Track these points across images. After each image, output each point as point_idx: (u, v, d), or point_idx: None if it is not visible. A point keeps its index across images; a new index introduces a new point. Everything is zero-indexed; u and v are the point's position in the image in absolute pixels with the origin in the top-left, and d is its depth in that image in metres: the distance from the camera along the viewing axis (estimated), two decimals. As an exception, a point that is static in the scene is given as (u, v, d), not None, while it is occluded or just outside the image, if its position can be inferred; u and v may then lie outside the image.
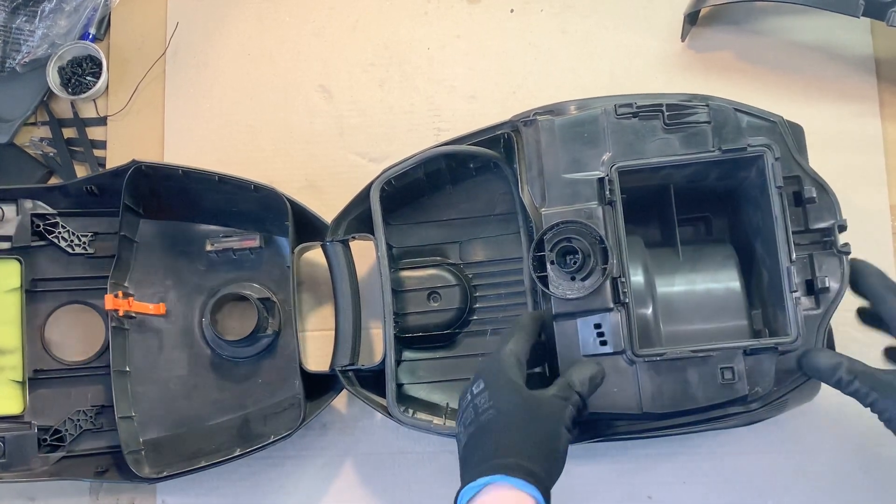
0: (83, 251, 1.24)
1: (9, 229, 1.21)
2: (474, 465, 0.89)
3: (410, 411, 1.10)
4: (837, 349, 1.05)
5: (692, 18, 1.26)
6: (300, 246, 1.18)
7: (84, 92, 1.31)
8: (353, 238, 1.16)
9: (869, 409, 0.95)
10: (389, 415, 1.09)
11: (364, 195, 1.14)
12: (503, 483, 0.85)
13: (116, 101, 1.33)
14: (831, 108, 1.25)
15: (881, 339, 1.06)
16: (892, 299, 0.99)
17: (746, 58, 1.27)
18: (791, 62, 1.27)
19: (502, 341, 0.98)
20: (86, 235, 1.24)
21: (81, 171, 1.32)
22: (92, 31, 1.33)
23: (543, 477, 0.87)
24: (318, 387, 1.18)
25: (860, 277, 1.01)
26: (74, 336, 1.25)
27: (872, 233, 1.21)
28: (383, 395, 1.10)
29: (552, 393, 0.93)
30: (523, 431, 0.89)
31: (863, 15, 1.11)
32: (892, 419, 0.93)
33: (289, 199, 1.17)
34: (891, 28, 1.11)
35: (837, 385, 0.96)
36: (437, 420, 1.10)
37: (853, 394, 0.95)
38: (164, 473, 1.14)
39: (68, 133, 1.34)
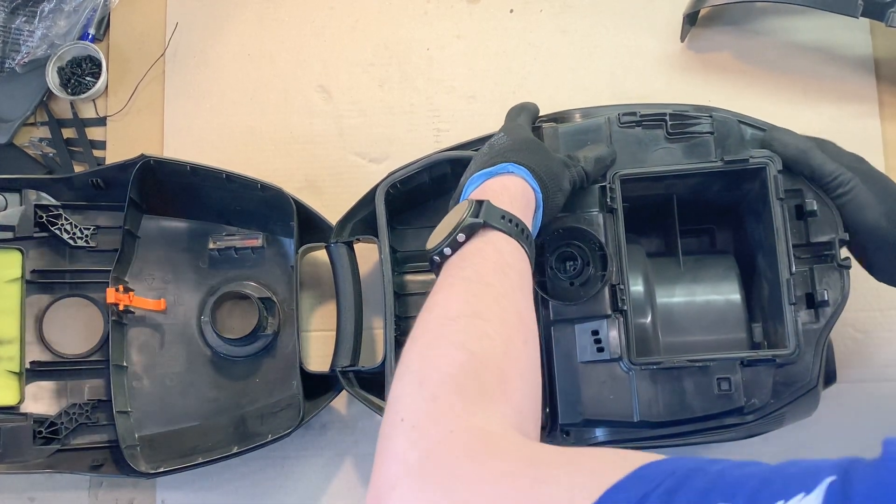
0: (85, 244, 1.24)
1: (12, 219, 1.21)
2: (485, 161, 0.92)
3: (410, 413, 1.10)
4: (836, 350, 1.06)
5: (691, 19, 1.26)
6: (304, 247, 1.18)
7: (83, 92, 1.31)
8: (358, 240, 1.17)
9: (830, 184, 0.99)
10: (389, 417, 1.09)
11: (369, 198, 1.14)
12: (514, 171, 0.89)
13: (116, 102, 1.33)
14: (830, 108, 1.25)
15: (884, 340, 1.06)
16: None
17: (745, 58, 1.28)
18: (790, 63, 1.27)
19: (512, 118, 1.04)
20: (88, 229, 1.24)
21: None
22: (91, 31, 1.33)
23: (549, 192, 0.91)
24: (317, 387, 1.19)
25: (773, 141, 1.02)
26: (72, 329, 1.25)
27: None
28: (383, 396, 1.10)
29: (557, 155, 0.98)
30: (535, 154, 0.93)
31: (862, 15, 1.11)
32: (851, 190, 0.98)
33: (294, 200, 1.17)
34: (890, 28, 1.11)
35: (807, 165, 1.00)
36: (436, 422, 1.10)
37: (822, 172, 0.99)
38: (161, 469, 1.14)
39: (68, 133, 1.33)
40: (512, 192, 0.87)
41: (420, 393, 0.69)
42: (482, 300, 0.77)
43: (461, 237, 0.83)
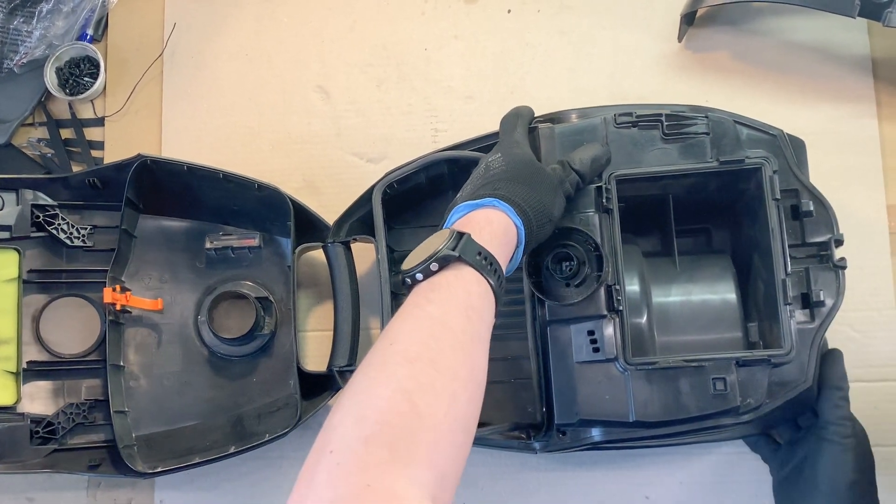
0: (82, 244, 1.24)
1: (8, 219, 1.21)
2: (473, 191, 0.94)
3: (407, 413, 1.10)
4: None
5: (689, 19, 1.26)
6: (301, 246, 1.18)
7: (82, 93, 1.31)
8: (355, 240, 1.17)
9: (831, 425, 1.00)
10: (386, 416, 1.09)
11: (366, 198, 1.14)
12: (499, 206, 0.90)
13: (114, 102, 1.33)
14: (828, 108, 1.25)
15: (882, 340, 1.06)
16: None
17: (743, 58, 1.27)
18: (788, 62, 1.27)
19: (509, 131, 1.03)
20: (85, 228, 1.24)
21: (79, 172, 1.32)
22: (89, 31, 1.33)
23: (533, 227, 0.91)
24: (314, 387, 1.19)
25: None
26: (69, 329, 1.25)
27: (869, 234, 1.21)
28: (381, 396, 1.10)
29: (552, 166, 0.99)
30: (526, 185, 0.93)
31: (859, 15, 1.11)
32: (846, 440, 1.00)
33: (291, 199, 1.17)
34: (887, 28, 1.11)
35: (830, 398, 1.00)
36: (433, 421, 1.10)
37: (837, 416, 1.00)
38: (158, 469, 1.14)
39: (66, 134, 1.34)
40: (495, 227, 0.88)
41: (354, 431, 0.69)
42: (442, 346, 0.77)
43: (434, 266, 0.83)
